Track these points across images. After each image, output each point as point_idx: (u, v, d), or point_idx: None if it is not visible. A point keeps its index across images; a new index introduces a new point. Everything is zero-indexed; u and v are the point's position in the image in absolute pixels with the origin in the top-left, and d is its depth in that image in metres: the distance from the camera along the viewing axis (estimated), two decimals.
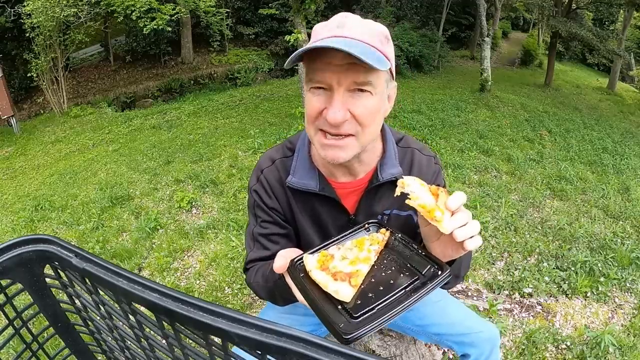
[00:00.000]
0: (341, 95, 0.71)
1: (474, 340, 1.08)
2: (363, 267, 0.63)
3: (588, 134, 7.05)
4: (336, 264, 0.64)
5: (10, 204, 4.85)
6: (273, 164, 0.94)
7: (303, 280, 0.64)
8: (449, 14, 14.88)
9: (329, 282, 0.60)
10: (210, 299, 2.42)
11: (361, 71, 0.70)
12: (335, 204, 0.91)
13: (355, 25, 0.73)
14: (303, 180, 0.89)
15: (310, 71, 0.73)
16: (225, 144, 5.67)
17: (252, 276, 0.93)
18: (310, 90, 0.75)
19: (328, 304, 0.59)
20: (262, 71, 13.40)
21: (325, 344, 0.31)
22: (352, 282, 0.60)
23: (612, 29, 18.44)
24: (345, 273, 0.61)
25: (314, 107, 0.74)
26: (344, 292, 0.59)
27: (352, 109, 0.72)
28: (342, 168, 0.87)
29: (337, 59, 0.69)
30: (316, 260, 0.65)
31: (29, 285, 0.52)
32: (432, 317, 1.13)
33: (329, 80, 0.71)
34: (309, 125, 0.78)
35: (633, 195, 4.06)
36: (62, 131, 8.35)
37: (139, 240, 3.21)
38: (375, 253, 0.67)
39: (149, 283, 0.38)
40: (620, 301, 2.41)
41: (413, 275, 0.62)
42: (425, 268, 0.63)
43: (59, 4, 7.76)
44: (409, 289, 0.59)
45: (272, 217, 0.94)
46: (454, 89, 10.31)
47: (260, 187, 0.93)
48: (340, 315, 0.57)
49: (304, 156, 0.91)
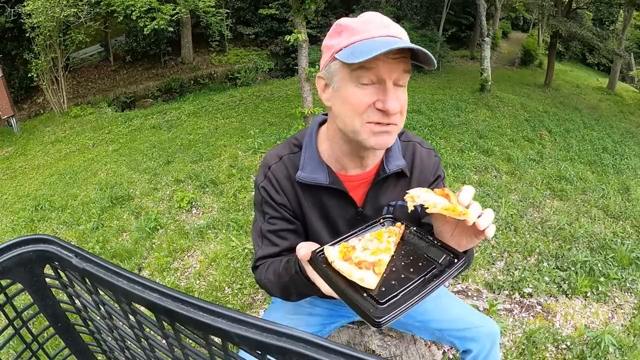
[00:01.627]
0: (392, 87, 0.77)
1: (475, 335, 1.09)
2: (384, 256, 0.66)
3: (588, 134, 7.05)
4: (359, 254, 0.67)
5: (10, 204, 4.85)
6: (280, 160, 0.95)
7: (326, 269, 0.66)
8: (449, 14, 14.88)
9: (354, 270, 0.63)
10: (210, 299, 2.42)
11: (405, 64, 0.77)
12: (344, 197, 0.93)
13: (395, 26, 0.80)
14: (313, 174, 0.91)
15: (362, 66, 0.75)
16: (225, 144, 5.67)
17: (262, 273, 0.93)
18: (354, 84, 0.77)
19: (354, 292, 0.61)
20: (262, 71, 13.41)
21: (325, 344, 0.31)
22: (376, 270, 0.63)
23: (612, 29, 18.43)
24: (370, 262, 0.64)
25: (362, 100, 0.77)
26: (369, 279, 0.61)
27: (399, 100, 0.79)
28: (356, 160, 0.90)
29: (391, 54, 0.73)
30: (338, 252, 0.68)
31: (29, 285, 0.51)
32: (433, 313, 1.14)
33: (384, 73, 0.75)
34: (355, 118, 0.79)
35: (633, 195, 4.06)
36: (62, 131, 8.35)
37: (139, 240, 3.21)
38: (394, 244, 0.71)
39: (149, 283, 0.38)
40: (620, 301, 2.41)
41: (431, 264, 0.66)
42: (441, 257, 0.66)
43: (59, 4, 7.76)
44: (428, 276, 0.63)
45: (281, 213, 0.94)
46: (454, 89, 10.31)
47: (268, 184, 0.94)
48: (367, 302, 0.59)
49: (313, 151, 0.92)
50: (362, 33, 0.76)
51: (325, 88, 0.85)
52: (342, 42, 0.78)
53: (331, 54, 0.80)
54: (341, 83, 0.80)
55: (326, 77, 0.84)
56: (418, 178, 0.97)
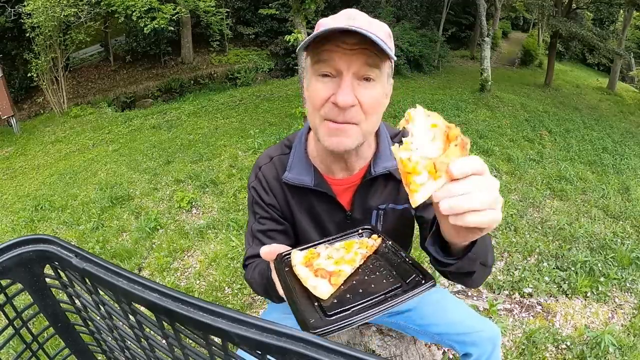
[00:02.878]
0: (350, 79, 0.72)
1: (475, 340, 1.08)
2: (346, 268, 0.63)
3: (588, 134, 7.05)
4: (320, 262, 0.65)
5: (10, 204, 4.85)
6: (271, 161, 0.96)
7: (286, 273, 0.65)
8: (449, 14, 14.89)
9: (310, 277, 0.61)
10: (210, 299, 2.42)
11: (371, 56, 0.72)
12: (331, 200, 0.92)
13: (364, 18, 0.75)
14: (299, 176, 0.90)
15: (318, 55, 0.73)
16: (225, 144, 5.67)
17: (249, 272, 0.94)
18: (316, 77, 0.75)
19: (305, 299, 0.59)
20: (262, 71, 13.40)
21: (326, 344, 0.31)
22: (332, 280, 0.60)
23: (612, 29, 18.43)
24: (327, 271, 0.62)
25: (319, 94, 0.75)
26: (321, 288, 0.59)
27: (359, 97, 0.74)
28: (339, 162, 0.88)
29: (348, 43, 0.70)
30: (302, 257, 0.66)
31: (29, 285, 0.51)
32: (432, 317, 1.13)
33: (338, 63, 0.72)
34: (314, 113, 0.78)
35: (633, 195, 4.06)
36: (62, 131, 8.35)
37: (139, 240, 3.21)
38: (362, 257, 0.67)
39: (149, 283, 0.38)
40: (620, 301, 2.41)
41: (396, 283, 0.61)
42: (409, 277, 0.61)
43: (59, 4, 7.77)
44: (388, 295, 0.58)
45: (270, 213, 0.95)
46: (454, 89, 10.31)
47: (258, 184, 0.95)
48: (314, 312, 0.57)
49: (301, 152, 0.92)
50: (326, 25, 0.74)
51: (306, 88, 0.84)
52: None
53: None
54: (309, 79, 0.79)
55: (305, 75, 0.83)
56: None
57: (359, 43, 0.70)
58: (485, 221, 0.49)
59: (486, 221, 0.49)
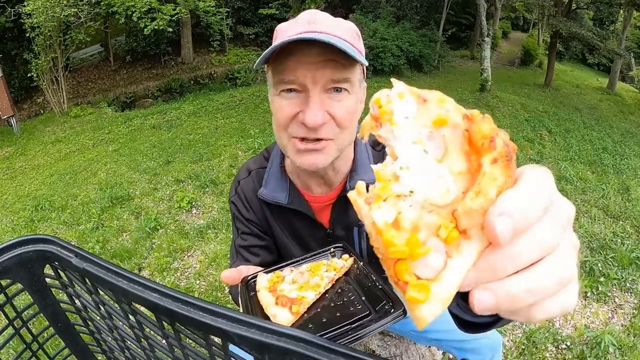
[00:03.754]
0: (317, 95, 0.65)
1: (474, 347, 1.06)
2: (310, 294, 0.58)
3: (588, 134, 7.05)
4: (283, 287, 0.60)
5: (10, 204, 4.85)
6: (249, 175, 0.91)
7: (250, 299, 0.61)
8: (449, 14, 14.89)
9: (271, 305, 0.57)
10: (210, 299, 2.42)
11: (338, 67, 0.65)
12: (309, 218, 0.86)
13: (327, 20, 0.68)
14: (273, 193, 0.85)
15: (280, 72, 0.66)
16: (225, 144, 5.67)
17: (233, 288, 0.91)
18: (279, 94, 0.68)
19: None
20: (262, 71, 13.38)
21: (325, 344, 0.31)
22: (294, 309, 0.56)
23: (612, 29, 18.44)
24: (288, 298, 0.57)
25: (285, 112, 0.68)
26: (281, 317, 0.55)
27: (331, 110, 0.67)
28: (316, 178, 0.82)
29: (311, 55, 0.63)
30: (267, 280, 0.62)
31: (29, 285, 0.51)
32: (432, 324, 1.11)
33: (303, 78, 0.64)
34: (280, 132, 0.71)
35: (633, 195, 4.06)
36: (62, 131, 8.35)
37: (139, 240, 3.21)
38: (330, 280, 0.62)
39: (149, 283, 0.38)
40: (620, 301, 2.41)
41: (364, 310, 0.56)
42: (379, 304, 0.56)
43: (59, 4, 7.77)
44: (355, 325, 0.54)
45: (250, 229, 0.91)
46: (454, 89, 10.31)
47: (237, 199, 0.92)
48: None
49: (276, 168, 0.87)
50: (284, 33, 0.67)
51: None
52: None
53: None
54: (271, 95, 0.72)
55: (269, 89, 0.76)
56: None
57: (323, 53, 0.63)
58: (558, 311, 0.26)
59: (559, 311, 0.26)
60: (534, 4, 13.53)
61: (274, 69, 0.67)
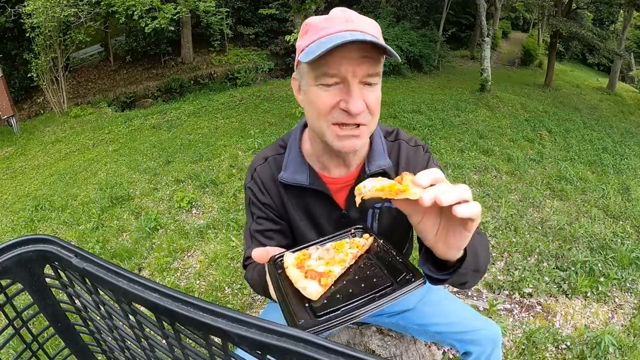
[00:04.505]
0: (357, 86, 0.74)
1: (475, 338, 1.09)
2: (336, 268, 0.64)
3: (588, 134, 7.05)
4: (311, 263, 0.66)
5: (10, 204, 4.85)
6: (266, 162, 0.97)
7: (279, 276, 0.65)
8: (449, 14, 14.89)
9: (300, 278, 0.62)
10: (210, 299, 2.42)
11: (372, 63, 0.73)
12: (327, 199, 0.92)
13: (360, 19, 0.76)
14: (294, 175, 0.91)
15: (322, 66, 0.73)
16: (225, 144, 5.67)
17: (249, 272, 0.95)
18: (318, 86, 0.76)
19: (297, 301, 0.60)
20: (262, 71, 13.40)
21: (326, 344, 0.31)
22: (322, 281, 0.61)
23: (612, 29, 18.44)
24: (317, 272, 0.62)
25: (326, 102, 0.76)
26: (311, 289, 0.60)
27: (366, 100, 0.76)
28: (337, 160, 0.89)
29: (352, 51, 0.71)
30: (294, 258, 0.67)
31: (29, 285, 0.51)
32: (433, 317, 1.14)
33: (345, 72, 0.72)
34: (320, 120, 0.78)
35: (633, 195, 4.06)
36: (62, 131, 8.35)
37: (139, 240, 3.21)
38: (353, 257, 0.68)
39: (149, 283, 0.38)
40: (620, 301, 2.41)
41: (386, 282, 0.62)
42: (400, 275, 0.62)
43: (59, 4, 7.77)
44: (377, 295, 0.59)
45: (266, 213, 0.96)
46: (454, 89, 10.31)
47: (254, 185, 0.96)
48: (304, 313, 0.58)
49: (296, 152, 0.93)
50: (323, 30, 0.74)
51: (298, 90, 0.84)
52: (306, 41, 0.76)
53: (298, 54, 0.79)
54: (308, 85, 0.79)
55: (298, 79, 0.83)
56: None
57: (363, 50, 0.71)
58: (476, 211, 0.51)
59: (476, 211, 0.51)
60: (534, 4, 13.54)
61: (314, 63, 0.73)
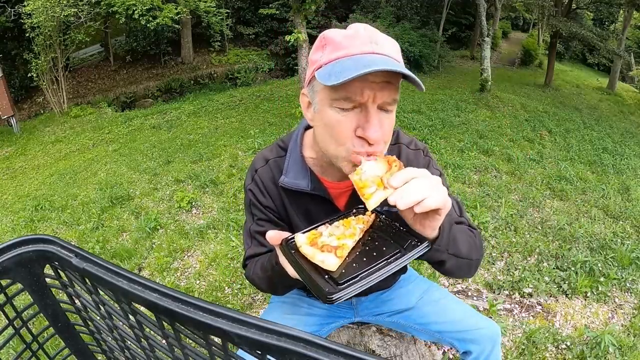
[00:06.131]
0: (375, 112, 0.70)
1: (475, 337, 1.09)
2: (348, 241, 0.69)
3: (588, 134, 7.05)
4: (324, 239, 0.70)
5: (10, 204, 4.85)
6: (267, 164, 0.96)
7: (294, 254, 0.69)
8: (449, 14, 14.89)
9: (317, 253, 0.66)
10: (210, 299, 2.42)
11: (393, 89, 0.70)
12: (327, 203, 0.92)
13: (386, 42, 0.72)
14: (295, 180, 0.91)
15: (344, 88, 0.68)
16: (225, 144, 5.67)
17: (251, 269, 0.96)
18: (334, 108, 0.71)
19: (316, 274, 0.64)
20: (262, 71, 13.40)
21: (325, 344, 0.31)
22: (338, 253, 0.66)
23: (612, 29, 18.44)
24: (332, 246, 0.67)
25: (345, 128, 0.71)
26: (329, 261, 0.64)
27: (382, 127, 0.72)
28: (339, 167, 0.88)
29: (377, 77, 0.67)
30: (306, 237, 0.71)
31: (29, 285, 0.51)
32: (433, 316, 1.14)
33: (366, 97, 0.68)
34: (338, 146, 0.74)
35: (633, 195, 4.06)
36: (62, 131, 8.35)
37: (139, 240, 3.21)
38: (361, 230, 0.73)
39: (149, 283, 0.38)
40: (620, 301, 2.41)
41: (395, 248, 0.68)
42: (406, 242, 0.68)
43: (59, 4, 7.77)
44: (390, 259, 0.65)
45: (267, 215, 0.96)
46: (454, 89, 10.31)
47: (255, 186, 0.96)
48: (326, 283, 0.62)
49: (297, 157, 0.92)
50: (346, 49, 0.69)
51: (308, 106, 0.80)
52: (324, 57, 0.71)
53: (313, 69, 0.74)
54: (322, 105, 0.74)
55: (309, 95, 0.78)
56: None
57: (386, 76, 0.68)
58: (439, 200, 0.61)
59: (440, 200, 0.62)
60: (534, 4, 13.53)
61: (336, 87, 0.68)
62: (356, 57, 0.68)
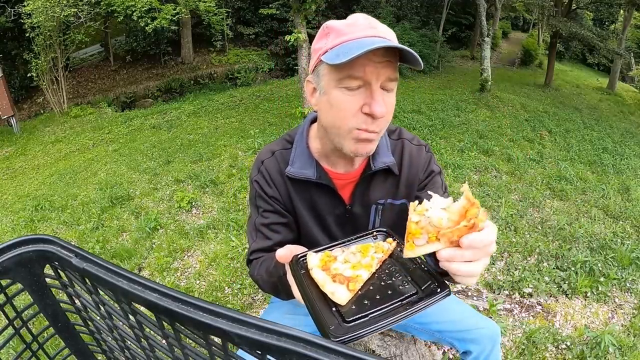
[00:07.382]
0: (379, 90, 0.75)
1: (475, 337, 1.09)
2: (364, 273, 0.63)
3: (588, 134, 7.05)
4: (337, 266, 0.65)
5: (10, 204, 4.85)
6: (273, 155, 0.97)
7: (303, 276, 0.64)
8: (449, 14, 14.88)
9: (327, 282, 0.61)
10: (210, 299, 2.42)
11: (393, 68, 0.75)
12: (332, 193, 0.94)
13: (384, 27, 0.78)
14: (301, 169, 0.92)
15: (348, 69, 0.73)
16: (225, 144, 5.67)
17: (255, 269, 0.94)
18: (340, 89, 0.76)
19: (323, 304, 0.59)
20: (262, 71, 13.40)
21: (325, 344, 0.31)
22: (350, 286, 0.60)
23: (612, 29, 18.43)
24: (345, 277, 0.62)
25: (351, 106, 0.76)
26: (340, 294, 0.59)
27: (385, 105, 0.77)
28: (344, 158, 0.91)
29: (378, 55, 0.72)
30: (319, 259, 0.66)
31: (29, 285, 0.51)
32: (433, 315, 1.14)
33: (370, 76, 0.73)
34: (343, 123, 0.78)
35: (633, 195, 4.06)
36: (62, 131, 8.35)
37: (139, 240, 3.21)
38: (378, 261, 0.67)
39: (149, 283, 0.38)
40: (620, 301, 2.41)
41: (412, 289, 0.61)
42: (425, 284, 0.62)
43: (59, 4, 7.76)
44: (405, 302, 0.59)
45: (273, 206, 0.96)
46: (454, 89, 10.31)
47: (260, 178, 0.97)
48: (333, 317, 0.57)
49: (303, 148, 0.94)
50: (348, 34, 0.75)
51: (313, 92, 0.84)
52: (328, 43, 0.76)
53: (318, 56, 0.78)
54: (328, 87, 0.78)
55: (314, 81, 0.82)
56: (407, 175, 0.97)
57: (386, 54, 0.73)
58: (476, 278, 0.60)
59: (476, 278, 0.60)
60: (534, 4, 13.52)
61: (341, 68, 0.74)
62: (359, 40, 0.72)
